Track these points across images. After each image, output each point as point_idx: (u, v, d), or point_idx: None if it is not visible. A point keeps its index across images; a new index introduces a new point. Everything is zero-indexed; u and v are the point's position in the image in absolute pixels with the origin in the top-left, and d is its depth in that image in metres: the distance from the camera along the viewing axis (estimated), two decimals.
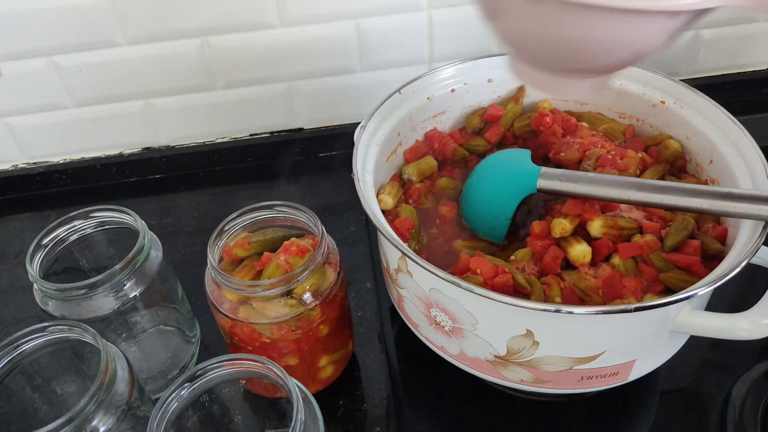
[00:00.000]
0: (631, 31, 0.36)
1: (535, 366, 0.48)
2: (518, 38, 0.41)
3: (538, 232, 0.53)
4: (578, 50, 0.39)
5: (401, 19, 0.74)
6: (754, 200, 0.46)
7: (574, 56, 0.39)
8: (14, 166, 0.82)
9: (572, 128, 0.63)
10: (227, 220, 0.53)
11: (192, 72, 0.76)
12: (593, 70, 0.42)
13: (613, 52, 0.38)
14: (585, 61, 0.40)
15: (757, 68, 0.87)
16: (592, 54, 0.39)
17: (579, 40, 0.37)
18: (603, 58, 0.39)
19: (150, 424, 0.38)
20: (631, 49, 0.38)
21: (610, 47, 0.38)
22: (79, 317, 0.50)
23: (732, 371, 0.57)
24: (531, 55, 0.43)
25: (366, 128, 0.57)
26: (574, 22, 0.36)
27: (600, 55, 0.39)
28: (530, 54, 0.43)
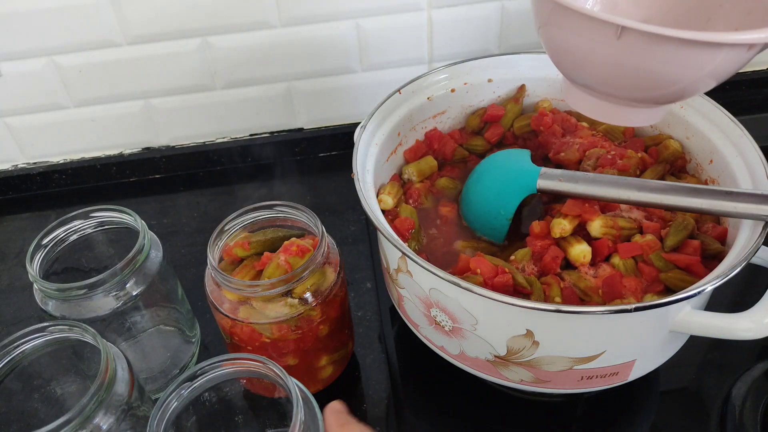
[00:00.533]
0: (711, 62, 0.37)
1: (535, 366, 0.48)
2: (592, 69, 0.42)
3: (537, 232, 0.53)
4: (653, 81, 0.40)
5: (401, 19, 0.74)
6: (754, 200, 0.46)
7: (645, 86, 0.40)
8: (14, 166, 0.82)
9: (572, 128, 0.63)
10: (227, 220, 0.53)
11: (192, 72, 0.76)
12: (660, 100, 0.43)
13: (686, 83, 0.39)
14: (656, 90, 0.41)
15: (756, 68, 0.87)
16: (664, 85, 0.40)
17: (658, 71, 0.38)
18: (673, 89, 0.40)
19: (150, 423, 0.38)
20: (702, 80, 0.39)
21: (684, 78, 0.39)
22: (79, 317, 0.50)
23: (732, 371, 0.57)
24: (599, 84, 0.43)
25: (366, 128, 0.57)
26: (660, 54, 0.37)
27: (672, 85, 0.40)
28: (598, 84, 0.43)
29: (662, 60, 0.37)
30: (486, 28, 0.77)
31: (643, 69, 0.38)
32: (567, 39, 0.41)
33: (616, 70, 0.40)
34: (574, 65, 0.43)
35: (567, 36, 0.41)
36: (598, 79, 0.43)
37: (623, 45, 0.37)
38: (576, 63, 0.43)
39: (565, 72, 0.46)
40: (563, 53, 0.43)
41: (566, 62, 0.44)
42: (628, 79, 0.40)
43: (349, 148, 0.55)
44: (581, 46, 0.40)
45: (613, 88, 0.43)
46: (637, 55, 0.38)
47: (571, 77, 0.45)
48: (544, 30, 0.43)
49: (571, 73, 0.45)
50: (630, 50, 0.37)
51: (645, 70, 0.38)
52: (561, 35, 0.41)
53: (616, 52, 0.38)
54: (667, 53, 0.37)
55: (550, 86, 0.65)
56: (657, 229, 0.52)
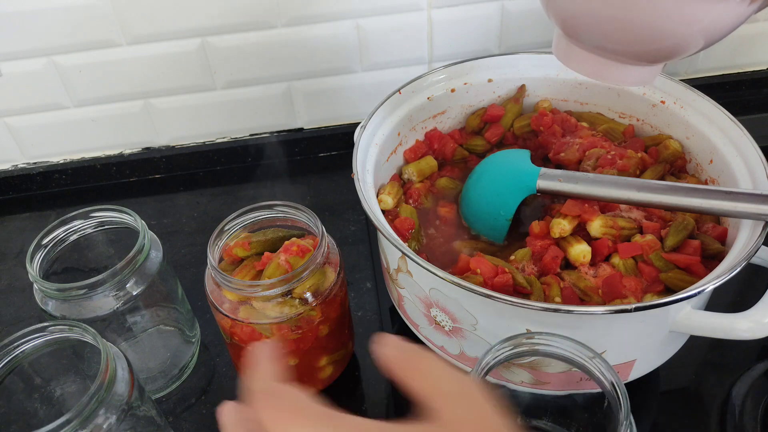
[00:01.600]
0: (708, 9, 0.36)
1: (535, 367, 0.47)
2: (588, 16, 0.41)
3: (537, 232, 0.53)
4: (648, 27, 0.39)
5: (401, 19, 0.74)
6: (754, 200, 0.46)
7: (640, 34, 0.39)
8: (14, 166, 0.82)
9: (572, 128, 0.63)
10: (227, 220, 0.52)
11: (192, 72, 0.76)
12: (652, 53, 0.42)
13: (680, 33, 0.39)
14: (649, 41, 0.40)
15: (756, 68, 0.87)
16: (658, 32, 0.39)
17: (654, 14, 0.37)
18: (668, 38, 0.39)
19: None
20: (696, 32, 0.38)
21: (679, 26, 0.38)
22: (79, 317, 0.50)
23: (732, 371, 0.57)
24: (593, 35, 0.42)
25: (366, 128, 0.57)
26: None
27: (666, 34, 0.39)
28: (593, 34, 0.42)
29: (669, 5, 0.37)
30: (486, 28, 0.77)
31: (647, 16, 0.38)
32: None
33: (619, 17, 0.39)
34: (580, 19, 0.43)
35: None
36: (599, 30, 0.42)
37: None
38: (583, 16, 0.42)
39: (570, 30, 0.45)
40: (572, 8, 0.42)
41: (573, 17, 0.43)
42: (629, 28, 0.40)
43: (349, 148, 0.55)
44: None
45: (612, 39, 0.42)
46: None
47: (577, 34, 0.45)
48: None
49: (577, 29, 0.44)
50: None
51: (649, 18, 0.38)
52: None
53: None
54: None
55: (551, 86, 0.65)
56: (657, 229, 0.52)
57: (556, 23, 0.45)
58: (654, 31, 0.39)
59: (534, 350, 0.43)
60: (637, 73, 0.44)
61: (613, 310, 0.42)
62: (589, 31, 0.43)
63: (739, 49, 0.85)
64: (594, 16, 0.41)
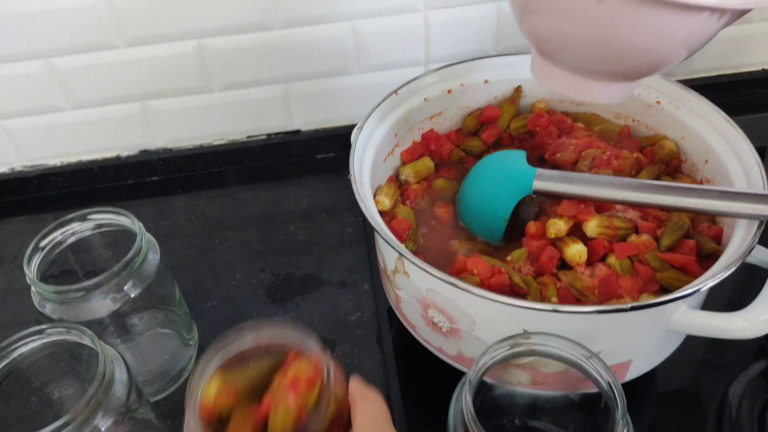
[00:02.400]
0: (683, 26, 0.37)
1: (532, 368, 0.48)
2: (563, 37, 0.42)
3: (533, 232, 0.53)
4: (629, 49, 0.39)
5: (398, 21, 0.75)
6: (749, 199, 0.46)
7: (621, 56, 0.40)
8: (11, 169, 0.82)
9: (568, 129, 0.63)
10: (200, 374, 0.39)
11: (189, 74, 0.76)
12: (628, 71, 0.43)
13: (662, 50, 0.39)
14: (625, 59, 0.41)
15: (752, 69, 0.87)
16: (635, 51, 0.40)
17: (636, 37, 0.38)
18: (649, 57, 0.40)
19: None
20: (671, 48, 0.39)
21: (661, 44, 0.39)
22: (77, 320, 0.50)
23: (729, 371, 0.57)
24: (570, 55, 0.43)
25: (363, 129, 0.57)
26: (634, 16, 0.37)
27: (642, 53, 0.40)
28: (569, 54, 0.43)
29: (641, 24, 0.37)
30: (482, 29, 0.77)
31: (621, 35, 0.39)
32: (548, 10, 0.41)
33: (596, 37, 0.40)
34: (555, 39, 0.43)
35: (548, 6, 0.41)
36: (575, 51, 0.43)
37: (603, 8, 0.37)
38: (557, 36, 0.42)
39: (546, 50, 0.46)
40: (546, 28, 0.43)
41: (548, 38, 0.44)
42: (605, 48, 0.40)
43: (346, 150, 0.55)
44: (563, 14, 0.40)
45: (589, 59, 0.43)
46: (618, 18, 0.38)
47: (552, 53, 0.45)
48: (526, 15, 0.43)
49: (552, 49, 0.45)
50: (610, 14, 0.38)
51: (623, 37, 0.39)
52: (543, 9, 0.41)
53: (598, 17, 0.38)
54: (647, 16, 0.37)
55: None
56: (652, 228, 0.52)
57: (530, 43, 0.45)
58: (628, 49, 0.40)
59: (531, 350, 0.44)
60: (615, 90, 0.45)
61: (609, 309, 0.42)
62: (563, 51, 0.43)
63: (734, 50, 0.85)
64: (568, 36, 0.41)
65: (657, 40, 0.39)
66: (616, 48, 0.40)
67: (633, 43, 0.39)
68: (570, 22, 0.40)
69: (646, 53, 0.40)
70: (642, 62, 0.41)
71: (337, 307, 0.66)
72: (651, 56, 0.40)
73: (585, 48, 0.41)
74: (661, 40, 0.39)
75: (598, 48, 0.41)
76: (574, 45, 0.42)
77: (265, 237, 0.74)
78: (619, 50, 0.40)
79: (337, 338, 0.63)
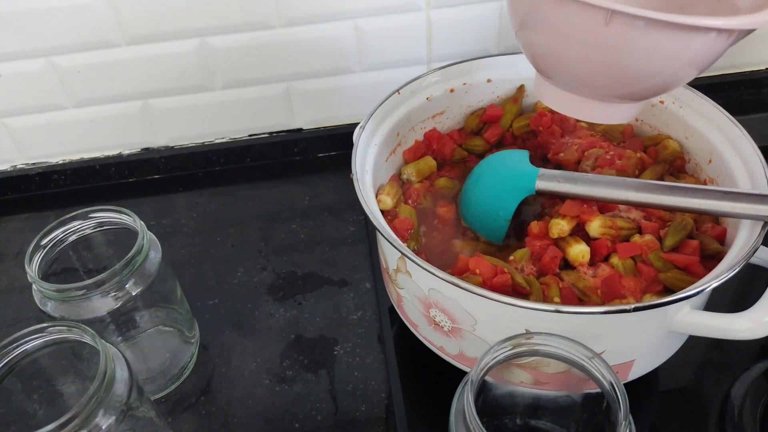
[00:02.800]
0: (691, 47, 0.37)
1: (534, 367, 0.48)
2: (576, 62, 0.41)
3: (536, 232, 0.53)
4: (637, 72, 0.39)
5: (400, 20, 0.74)
6: (752, 200, 0.46)
7: (628, 79, 0.40)
8: (13, 167, 0.82)
9: (571, 128, 0.63)
10: None
11: (191, 72, 0.76)
12: (640, 94, 0.42)
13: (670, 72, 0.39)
14: (631, 82, 0.40)
15: (755, 68, 0.87)
16: (641, 74, 0.39)
17: (644, 60, 0.38)
18: (657, 79, 0.40)
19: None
20: (679, 70, 0.39)
21: (670, 65, 0.39)
22: (78, 318, 0.50)
23: (731, 371, 0.57)
24: (573, 79, 0.43)
25: (365, 128, 0.57)
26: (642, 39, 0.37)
27: (649, 75, 0.40)
28: (572, 79, 0.43)
29: (649, 46, 0.37)
30: (485, 28, 0.77)
31: (629, 58, 0.38)
32: (550, 33, 0.41)
33: (601, 60, 0.40)
34: (556, 62, 0.43)
35: (550, 29, 0.40)
36: (578, 73, 0.42)
37: (611, 32, 0.37)
38: (558, 58, 0.42)
39: (544, 69, 0.45)
40: (545, 51, 0.43)
41: (548, 60, 0.43)
42: (612, 71, 0.40)
43: (348, 149, 0.55)
44: (566, 36, 0.40)
45: (595, 82, 0.42)
46: (625, 42, 0.37)
47: (551, 73, 0.45)
48: (524, 31, 0.43)
49: (551, 69, 0.44)
50: (618, 37, 0.37)
51: (631, 60, 0.38)
52: (544, 30, 0.41)
53: (604, 40, 0.38)
54: (655, 38, 0.37)
55: None
56: (656, 229, 0.52)
57: (527, 58, 0.45)
58: (634, 72, 0.39)
59: (533, 351, 0.43)
60: (620, 111, 0.45)
61: (612, 310, 0.42)
62: (563, 72, 0.43)
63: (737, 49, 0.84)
64: (569, 57, 0.41)
65: (665, 62, 0.38)
66: (621, 71, 0.39)
67: (640, 65, 0.39)
68: (573, 45, 0.40)
69: (652, 76, 0.40)
70: (648, 85, 0.41)
71: (339, 306, 0.66)
72: (658, 78, 0.40)
73: (586, 69, 0.41)
74: (669, 62, 0.38)
75: (601, 70, 0.40)
76: (575, 66, 0.41)
77: (267, 235, 0.74)
78: (625, 73, 0.40)
79: (339, 337, 0.63)
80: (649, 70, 0.39)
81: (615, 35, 0.37)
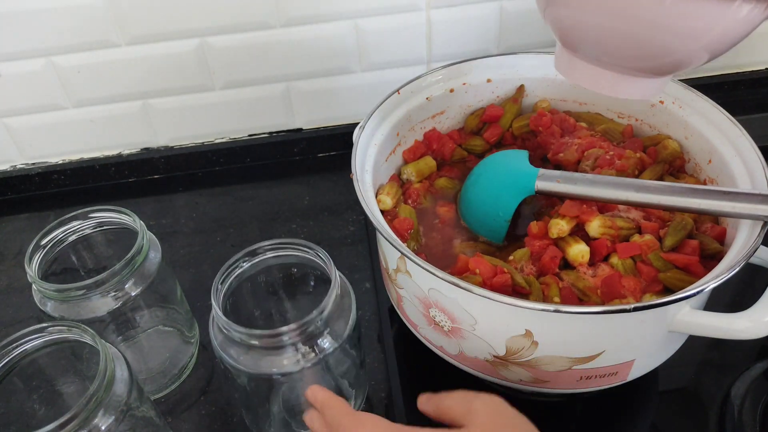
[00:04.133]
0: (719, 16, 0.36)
1: (534, 366, 0.48)
2: (593, 30, 0.40)
3: (536, 232, 0.53)
4: (662, 41, 0.38)
5: (400, 20, 0.74)
6: (752, 200, 0.46)
7: (650, 46, 0.38)
8: (13, 167, 0.82)
9: (571, 128, 0.63)
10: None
11: (190, 72, 0.76)
12: (660, 66, 0.41)
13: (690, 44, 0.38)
14: (659, 55, 0.39)
15: (755, 68, 0.87)
16: (669, 44, 0.38)
17: (669, 28, 0.37)
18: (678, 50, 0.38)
19: (213, 288, 0.47)
20: (707, 42, 0.38)
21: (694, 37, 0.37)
22: (78, 318, 0.50)
23: (731, 371, 0.57)
24: (598, 48, 0.41)
25: (365, 128, 0.57)
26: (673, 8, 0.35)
27: (676, 46, 0.38)
28: (598, 47, 0.41)
29: (675, 15, 0.36)
30: (485, 28, 0.77)
31: (656, 28, 0.37)
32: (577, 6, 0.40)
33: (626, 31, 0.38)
34: (582, 34, 0.41)
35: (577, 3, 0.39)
36: (604, 44, 0.41)
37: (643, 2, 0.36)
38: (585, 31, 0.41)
39: (570, 43, 0.44)
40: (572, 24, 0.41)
41: (574, 32, 0.42)
42: (639, 41, 0.38)
43: (348, 149, 0.55)
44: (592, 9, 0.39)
45: (619, 53, 0.41)
46: (652, 10, 0.36)
47: (572, 42, 0.44)
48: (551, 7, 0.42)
49: (578, 44, 0.43)
50: (644, 5, 0.36)
51: (657, 29, 0.37)
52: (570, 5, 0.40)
53: (629, 9, 0.37)
54: (681, 7, 0.35)
55: (549, 86, 0.65)
56: (655, 229, 0.52)
57: (555, 34, 0.44)
58: (663, 44, 0.38)
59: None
60: (644, 86, 0.44)
61: (612, 310, 0.42)
62: (592, 45, 0.42)
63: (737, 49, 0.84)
64: (598, 30, 0.40)
65: (692, 35, 0.37)
66: (651, 42, 0.38)
67: (669, 37, 0.37)
68: (604, 17, 0.39)
69: (680, 49, 0.38)
70: (674, 59, 0.39)
71: None
72: (685, 52, 0.38)
73: (616, 42, 0.39)
74: (697, 36, 0.37)
75: (630, 42, 0.39)
76: (606, 39, 0.40)
77: (267, 235, 0.74)
78: (655, 45, 0.38)
79: None
80: (678, 42, 0.38)
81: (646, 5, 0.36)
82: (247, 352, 0.46)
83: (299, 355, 0.46)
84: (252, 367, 0.46)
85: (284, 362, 0.46)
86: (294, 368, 0.46)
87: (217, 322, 0.47)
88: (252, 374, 0.46)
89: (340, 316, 0.49)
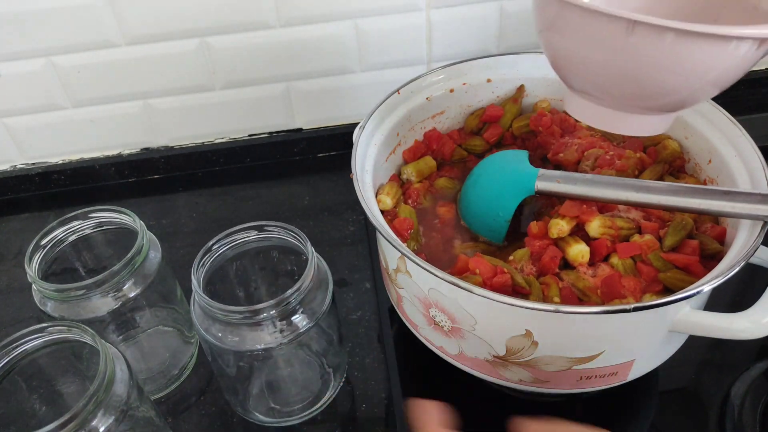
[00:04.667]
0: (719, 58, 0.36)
1: (534, 366, 0.48)
2: (597, 72, 0.41)
3: (536, 232, 0.53)
4: (662, 82, 0.38)
5: (400, 20, 0.74)
6: (752, 200, 0.46)
7: (653, 88, 0.39)
8: (13, 167, 0.82)
9: (571, 128, 0.63)
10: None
11: (191, 72, 0.76)
12: (667, 106, 0.42)
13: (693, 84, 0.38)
14: (663, 94, 0.40)
15: (755, 68, 0.86)
16: (672, 86, 0.38)
17: (669, 71, 0.37)
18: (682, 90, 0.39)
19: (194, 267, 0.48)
20: (710, 81, 0.38)
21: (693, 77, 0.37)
22: (78, 318, 0.50)
23: (731, 371, 0.57)
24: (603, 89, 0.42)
25: (365, 128, 0.57)
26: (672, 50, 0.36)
27: (680, 86, 0.38)
28: (602, 88, 0.42)
29: (673, 57, 0.36)
30: (485, 28, 0.77)
31: (653, 68, 0.37)
32: (573, 39, 0.40)
33: (623, 71, 0.39)
34: (577, 69, 0.42)
35: (573, 35, 0.40)
36: (602, 83, 0.42)
37: (634, 42, 0.36)
38: (580, 66, 0.42)
39: (566, 77, 0.45)
40: (567, 55, 0.42)
41: (569, 65, 0.43)
42: (636, 81, 0.39)
43: (347, 149, 0.55)
44: (588, 45, 0.39)
45: (618, 93, 0.42)
46: (648, 52, 0.36)
47: (573, 83, 0.45)
48: (546, 33, 0.42)
49: (574, 78, 0.44)
50: (640, 47, 0.36)
51: (655, 70, 0.37)
52: (566, 35, 0.40)
53: (626, 50, 0.37)
54: (679, 49, 0.36)
55: (549, 86, 0.65)
56: (655, 229, 0.52)
57: (562, 80, 0.44)
58: (657, 86, 0.38)
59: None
60: (652, 122, 0.44)
61: (612, 310, 0.42)
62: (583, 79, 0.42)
63: None
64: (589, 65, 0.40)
65: (691, 76, 0.37)
66: (644, 84, 0.38)
67: (664, 79, 0.38)
68: (594, 52, 0.39)
69: (677, 91, 0.39)
70: (671, 99, 0.40)
71: (339, 306, 0.66)
72: (680, 94, 0.39)
73: (608, 80, 0.40)
74: (697, 76, 0.37)
75: (629, 83, 0.39)
76: (605, 82, 0.40)
77: None
78: (649, 86, 0.39)
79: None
80: (674, 84, 0.38)
81: (638, 45, 0.36)
82: (226, 329, 0.48)
83: (277, 331, 0.48)
84: (231, 344, 0.48)
85: (262, 338, 0.48)
86: (272, 344, 0.48)
87: (198, 300, 0.49)
88: (230, 350, 0.48)
89: (316, 295, 0.51)
